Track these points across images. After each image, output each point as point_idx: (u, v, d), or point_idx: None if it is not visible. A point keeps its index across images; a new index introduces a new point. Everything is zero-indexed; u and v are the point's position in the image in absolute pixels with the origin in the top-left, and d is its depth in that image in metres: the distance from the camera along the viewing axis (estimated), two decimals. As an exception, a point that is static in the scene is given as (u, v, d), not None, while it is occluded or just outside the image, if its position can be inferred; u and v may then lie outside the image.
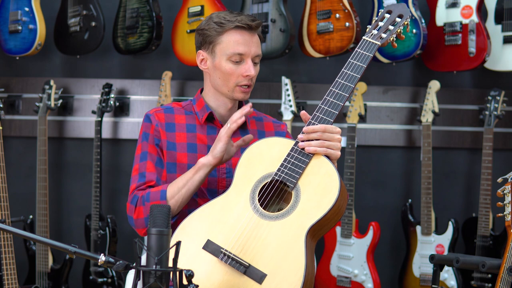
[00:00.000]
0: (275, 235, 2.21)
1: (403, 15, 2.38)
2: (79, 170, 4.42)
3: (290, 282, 2.15)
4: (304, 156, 2.27)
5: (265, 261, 2.19)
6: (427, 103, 4.05)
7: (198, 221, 2.29)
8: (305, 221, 2.20)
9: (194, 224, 2.29)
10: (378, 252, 4.09)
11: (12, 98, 4.41)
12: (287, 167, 2.27)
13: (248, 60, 2.41)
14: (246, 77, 2.42)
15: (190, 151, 2.46)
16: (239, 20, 2.40)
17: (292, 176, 2.26)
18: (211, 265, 2.22)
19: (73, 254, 2.00)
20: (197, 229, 2.28)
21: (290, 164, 2.27)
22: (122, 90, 4.38)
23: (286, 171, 2.27)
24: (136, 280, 1.92)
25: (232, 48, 2.40)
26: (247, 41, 2.41)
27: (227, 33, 2.41)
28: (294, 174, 2.25)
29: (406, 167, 4.34)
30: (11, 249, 3.41)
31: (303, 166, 2.26)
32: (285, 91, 4.11)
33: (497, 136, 4.09)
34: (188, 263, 2.21)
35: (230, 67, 2.41)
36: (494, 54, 3.90)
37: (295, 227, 2.21)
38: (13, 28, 4.18)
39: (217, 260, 2.22)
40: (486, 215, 3.93)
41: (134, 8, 4.13)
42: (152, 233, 1.90)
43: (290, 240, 2.19)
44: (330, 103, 2.34)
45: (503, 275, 2.43)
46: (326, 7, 3.97)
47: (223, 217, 2.27)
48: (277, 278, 2.16)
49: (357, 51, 2.36)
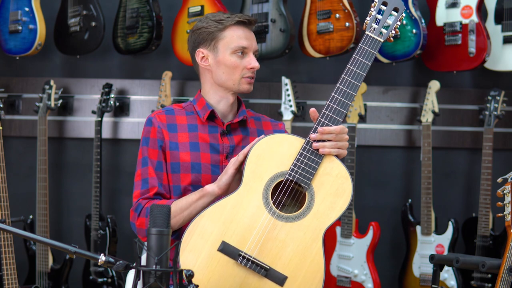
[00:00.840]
0: (292, 237, 2.21)
1: (399, 9, 2.40)
2: (79, 170, 4.42)
3: (311, 283, 2.16)
4: (316, 156, 2.29)
5: (284, 263, 2.19)
6: (427, 103, 4.05)
7: (210, 221, 2.26)
8: (321, 223, 2.22)
9: (206, 224, 2.26)
10: (378, 252, 4.09)
11: (12, 98, 4.41)
12: (300, 167, 2.27)
13: (250, 53, 2.49)
14: (250, 69, 2.48)
15: (193, 150, 2.48)
16: (239, 16, 2.48)
17: (306, 176, 2.26)
18: (229, 267, 2.20)
19: (73, 254, 2.00)
20: (210, 229, 2.25)
21: (303, 164, 2.28)
22: (122, 90, 4.39)
23: (299, 171, 2.27)
24: (136, 280, 1.92)
25: (236, 42, 2.47)
26: (248, 35, 2.49)
27: (229, 29, 2.47)
28: (307, 174, 2.26)
29: (406, 167, 4.34)
30: (11, 249, 3.41)
31: (316, 167, 2.27)
32: (285, 91, 4.11)
33: (497, 136, 4.09)
34: (202, 266, 2.20)
35: (235, 60, 2.47)
36: (494, 54, 3.90)
37: (312, 228, 2.21)
38: (13, 28, 4.19)
39: (234, 263, 2.21)
40: (486, 215, 3.93)
41: (134, 8, 4.13)
42: (152, 233, 1.90)
43: (307, 241, 2.20)
44: (339, 102, 2.34)
45: (503, 275, 2.43)
46: (326, 7, 3.97)
47: (236, 217, 2.26)
48: (298, 280, 2.17)
49: (361, 47, 2.36)
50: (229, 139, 2.52)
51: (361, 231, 4.04)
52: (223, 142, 2.51)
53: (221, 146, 2.51)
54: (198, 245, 2.22)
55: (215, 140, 2.50)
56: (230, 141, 2.52)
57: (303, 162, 2.28)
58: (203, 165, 2.47)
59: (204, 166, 2.47)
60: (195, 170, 2.46)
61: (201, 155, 2.45)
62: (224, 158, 2.50)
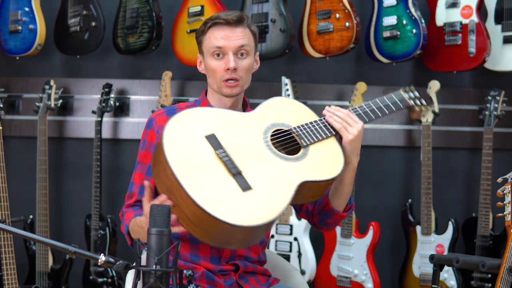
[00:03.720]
0: (274, 167, 2.23)
1: (429, 102, 2.62)
2: (79, 170, 4.42)
3: (267, 209, 2.14)
4: (325, 130, 2.34)
5: (255, 179, 2.18)
6: (427, 103, 4.05)
7: (212, 114, 2.30)
8: (304, 174, 2.23)
9: (206, 113, 2.29)
10: (378, 252, 4.09)
11: (12, 98, 4.41)
12: (307, 130, 2.33)
13: (229, 53, 2.39)
14: (227, 71, 2.38)
15: None
16: (218, 17, 2.41)
17: (308, 138, 2.31)
18: (205, 154, 2.19)
19: (73, 254, 2.00)
20: (207, 119, 2.27)
21: (311, 130, 2.33)
22: (122, 90, 4.39)
23: (304, 131, 2.32)
24: (136, 280, 1.92)
25: (212, 43, 2.40)
26: (226, 35, 2.39)
27: (209, 31, 2.42)
28: (310, 137, 2.31)
29: (406, 167, 4.34)
30: (11, 249, 3.41)
31: (320, 137, 2.32)
32: (285, 91, 4.11)
33: (497, 136, 4.09)
34: (183, 141, 2.19)
35: (213, 63, 2.40)
36: (494, 54, 3.91)
37: (294, 173, 2.23)
38: (13, 28, 4.19)
39: (213, 152, 2.20)
40: (486, 215, 3.93)
41: (134, 8, 4.13)
42: (152, 233, 1.90)
43: (285, 179, 2.21)
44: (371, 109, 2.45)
45: (503, 275, 2.43)
46: (326, 7, 3.97)
47: (235, 127, 2.29)
48: (258, 198, 2.15)
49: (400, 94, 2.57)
50: None
51: (361, 231, 4.04)
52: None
53: None
54: (189, 124, 2.23)
55: None
56: None
57: (311, 128, 2.34)
58: None
59: None
60: None
61: None
62: None
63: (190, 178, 2.09)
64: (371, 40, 4.04)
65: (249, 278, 2.43)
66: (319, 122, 2.36)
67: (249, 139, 2.28)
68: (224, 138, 2.24)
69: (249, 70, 2.43)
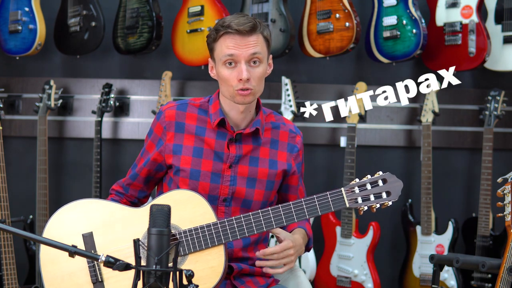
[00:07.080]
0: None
1: (391, 195, 2.40)
2: (79, 170, 4.42)
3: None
4: (213, 240, 2.28)
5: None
6: (427, 103, 4.05)
7: (96, 210, 2.38)
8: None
9: (91, 207, 2.39)
10: (378, 252, 4.09)
11: (12, 98, 4.41)
12: (193, 235, 2.28)
13: (241, 63, 2.35)
14: (240, 81, 2.34)
15: (195, 155, 2.43)
16: (231, 26, 2.35)
17: (190, 246, 2.28)
18: (76, 264, 2.30)
19: (73, 254, 2.00)
20: (91, 215, 2.36)
21: (197, 236, 2.28)
22: (122, 90, 4.39)
23: (190, 237, 2.28)
24: (136, 280, 1.92)
25: (223, 51, 2.35)
26: (238, 44, 2.34)
27: (221, 39, 2.36)
28: (193, 246, 2.28)
29: (406, 167, 4.34)
30: (11, 249, 3.42)
31: (203, 247, 2.28)
32: (285, 91, 4.11)
33: (497, 136, 4.09)
34: (61, 233, 2.36)
35: (225, 72, 2.36)
36: (494, 54, 3.91)
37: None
38: (13, 28, 4.19)
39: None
40: (486, 215, 3.93)
41: (134, 8, 4.13)
42: (152, 233, 1.90)
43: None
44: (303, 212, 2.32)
45: (503, 275, 2.43)
46: (326, 7, 3.97)
47: (115, 226, 2.33)
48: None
49: (326, 195, 2.31)
50: (237, 148, 2.44)
51: (361, 231, 4.04)
52: (228, 151, 2.43)
53: (225, 155, 2.43)
54: (68, 218, 2.40)
55: (221, 148, 2.43)
56: (237, 150, 2.44)
57: (199, 234, 2.29)
58: (202, 173, 2.42)
59: (204, 174, 2.42)
60: (193, 177, 2.41)
61: (203, 162, 2.40)
62: (227, 167, 2.43)
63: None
64: (371, 40, 4.04)
65: (245, 280, 2.42)
66: (214, 226, 2.29)
67: (126, 240, 2.30)
68: (100, 241, 2.31)
69: (262, 77, 2.39)
